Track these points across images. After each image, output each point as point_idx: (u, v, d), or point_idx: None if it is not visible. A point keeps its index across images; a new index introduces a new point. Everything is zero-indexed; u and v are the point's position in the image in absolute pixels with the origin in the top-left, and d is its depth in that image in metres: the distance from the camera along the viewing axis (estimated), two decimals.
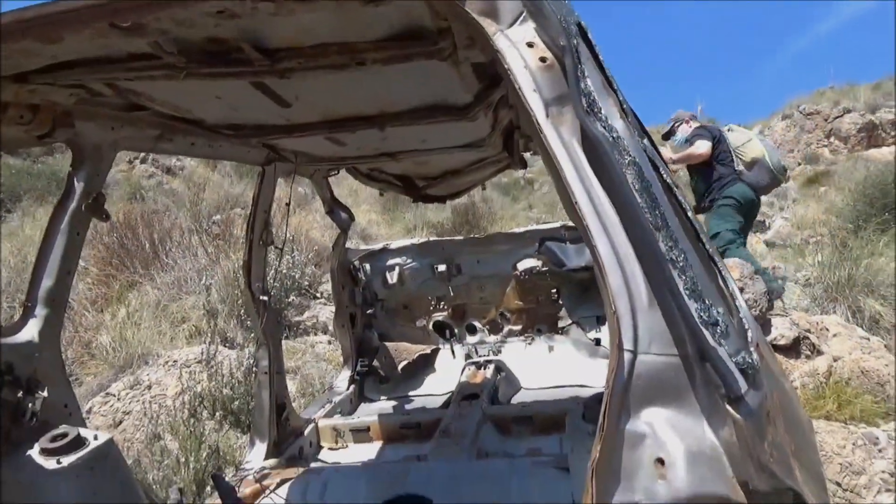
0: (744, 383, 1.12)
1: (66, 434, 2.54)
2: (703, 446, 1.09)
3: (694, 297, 1.16)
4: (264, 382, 4.12)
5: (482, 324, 5.86)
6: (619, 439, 1.08)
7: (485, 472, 3.60)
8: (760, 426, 1.12)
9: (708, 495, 1.08)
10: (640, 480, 1.08)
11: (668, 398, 1.11)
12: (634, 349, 1.11)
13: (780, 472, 1.11)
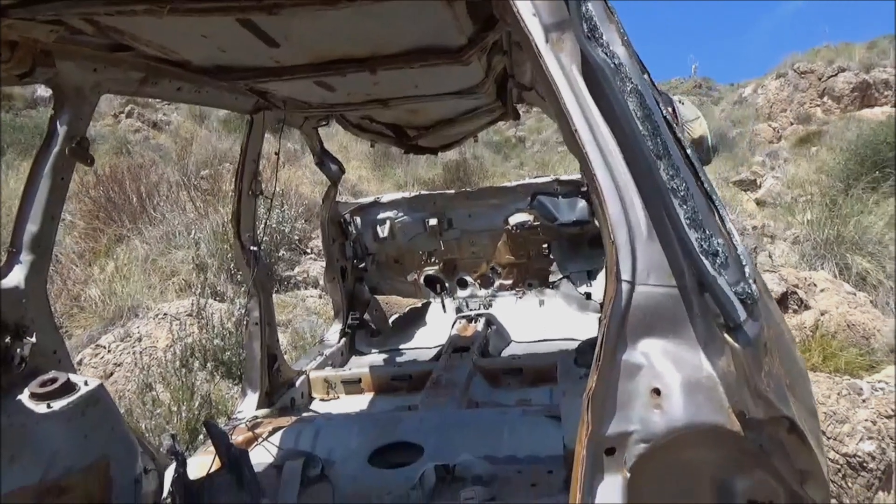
0: (742, 312, 1.11)
1: (56, 379, 2.53)
2: (700, 376, 1.08)
3: (694, 226, 1.14)
4: (255, 333, 4.11)
5: (473, 278, 5.87)
6: (616, 370, 1.08)
7: (475, 420, 3.63)
8: (758, 355, 1.11)
9: (704, 424, 1.08)
10: (635, 410, 1.08)
11: (665, 329, 1.10)
12: (632, 280, 1.10)
13: (776, 400, 1.11)
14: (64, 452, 2.41)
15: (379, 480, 3.06)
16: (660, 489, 1.13)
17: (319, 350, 5.14)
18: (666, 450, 1.09)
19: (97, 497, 2.53)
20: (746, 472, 1.13)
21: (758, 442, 1.09)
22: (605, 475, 1.07)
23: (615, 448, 1.08)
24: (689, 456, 1.13)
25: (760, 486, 1.13)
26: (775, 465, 1.11)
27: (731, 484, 1.14)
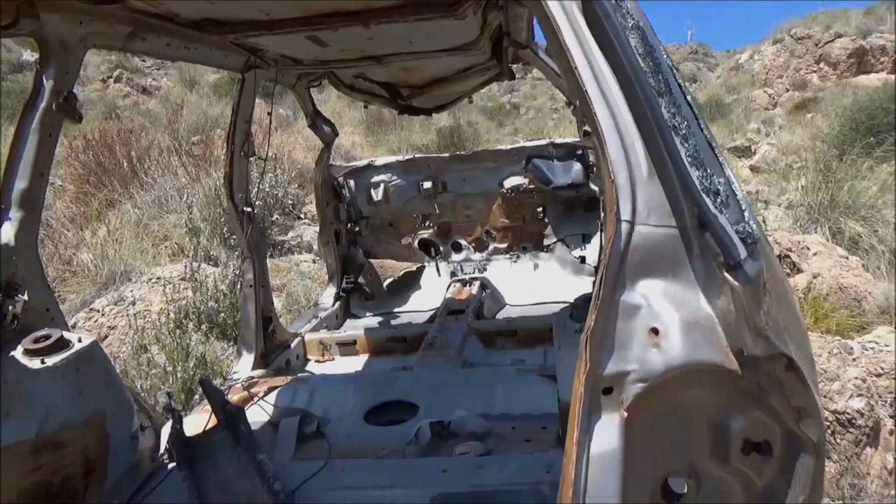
0: (743, 250, 1.11)
1: (50, 336, 2.52)
2: (698, 316, 1.08)
3: (695, 164, 1.13)
4: (249, 295, 4.10)
5: (468, 241, 5.86)
6: (614, 310, 1.07)
7: (470, 379, 3.66)
8: (757, 294, 1.11)
9: (702, 363, 1.08)
10: (633, 350, 1.08)
11: (664, 269, 1.10)
12: (632, 220, 1.09)
13: (774, 338, 1.11)
14: (59, 408, 2.42)
15: (374, 437, 3.09)
16: (656, 429, 1.13)
17: (314, 313, 5.14)
18: (663, 389, 1.10)
19: (94, 452, 2.54)
20: (743, 411, 1.14)
21: (755, 380, 1.10)
22: (602, 414, 1.07)
23: (612, 388, 1.08)
24: (686, 396, 1.13)
25: (756, 425, 1.14)
26: (772, 404, 1.12)
27: (726, 424, 1.15)
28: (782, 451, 1.15)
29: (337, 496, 2.50)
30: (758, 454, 1.15)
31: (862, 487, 3.24)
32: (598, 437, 1.06)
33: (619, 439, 1.07)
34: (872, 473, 3.34)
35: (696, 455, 1.16)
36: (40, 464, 2.36)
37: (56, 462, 2.41)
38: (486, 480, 2.51)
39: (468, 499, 2.40)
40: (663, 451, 1.15)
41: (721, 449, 1.15)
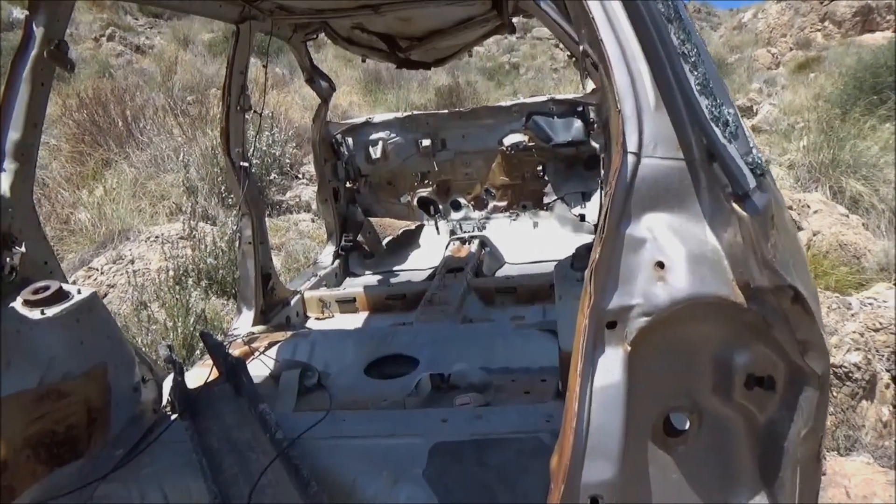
0: (752, 180, 1.09)
1: (49, 287, 2.51)
2: (705, 249, 1.07)
3: (705, 93, 1.10)
4: (248, 252, 4.09)
5: (467, 200, 5.83)
6: (619, 243, 1.06)
7: (469, 334, 3.67)
8: (765, 225, 1.09)
9: (707, 296, 1.07)
10: (638, 284, 1.07)
11: (670, 203, 1.08)
12: (638, 152, 1.06)
13: (781, 270, 1.10)
14: (61, 358, 2.42)
15: (375, 389, 3.11)
16: (659, 364, 1.13)
17: (313, 271, 5.14)
18: (667, 324, 1.09)
19: (96, 403, 2.56)
20: (747, 345, 1.14)
21: (761, 314, 1.09)
22: (605, 348, 1.07)
23: (616, 322, 1.07)
24: (690, 330, 1.12)
25: (760, 359, 1.14)
26: (777, 338, 1.11)
27: (730, 358, 1.14)
28: (785, 385, 1.15)
29: (338, 445, 2.52)
30: (761, 389, 1.14)
31: (857, 439, 3.28)
32: (602, 370, 1.06)
33: (622, 373, 1.06)
34: (867, 426, 3.38)
35: (699, 390, 1.16)
36: (43, 412, 2.37)
37: (59, 411, 2.43)
38: (486, 429, 2.53)
39: (468, 447, 2.42)
40: (666, 386, 1.15)
41: (724, 384, 1.15)
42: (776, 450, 1.15)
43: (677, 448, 1.17)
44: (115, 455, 2.52)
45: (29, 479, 2.33)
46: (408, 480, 2.29)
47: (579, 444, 1.02)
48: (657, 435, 1.15)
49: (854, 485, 2.82)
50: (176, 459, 2.49)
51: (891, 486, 2.80)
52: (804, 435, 1.13)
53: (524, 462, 2.32)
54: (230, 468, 2.46)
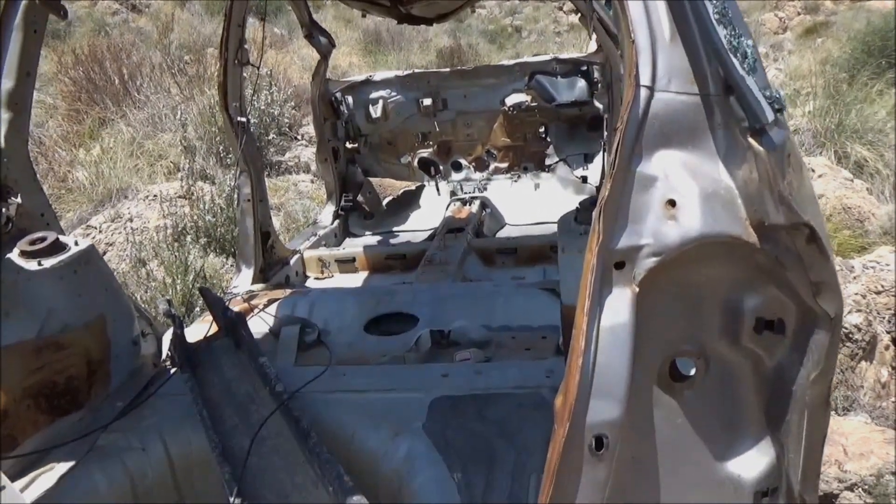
0: (770, 113, 1.05)
1: (45, 238, 2.49)
2: (718, 188, 1.04)
3: (723, 22, 1.05)
4: (247, 210, 4.06)
5: (468, 161, 5.77)
6: (629, 181, 1.03)
7: (470, 292, 3.66)
8: (781, 162, 1.06)
9: (719, 235, 1.04)
10: (648, 223, 1.04)
11: (683, 139, 1.04)
12: (652, 86, 1.02)
13: (797, 207, 1.07)
14: (59, 310, 2.41)
15: (375, 346, 3.11)
16: (667, 306, 1.11)
17: (313, 231, 5.12)
18: (676, 265, 1.06)
19: (96, 355, 2.55)
20: (757, 288, 1.11)
21: (774, 254, 1.06)
22: (613, 289, 1.04)
23: (624, 262, 1.05)
24: (700, 272, 1.10)
25: (771, 302, 1.12)
26: (789, 279, 1.09)
27: (740, 302, 1.12)
28: (796, 328, 1.13)
29: (338, 399, 2.52)
30: (770, 333, 1.12)
31: (855, 399, 3.29)
32: (609, 311, 1.03)
33: (629, 315, 1.04)
34: (866, 386, 3.40)
35: (707, 335, 1.14)
36: (43, 363, 2.37)
37: (59, 363, 2.42)
38: (486, 384, 2.53)
39: (468, 401, 2.43)
40: (673, 330, 1.13)
41: (732, 328, 1.13)
42: (784, 394, 1.14)
43: (683, 393, 1.16)
44: (116, 407, 2.53)
45: (30, 429, 2.33)
46: (408, 434, 2.30)
47: (585, 384, 1.01)
48: (663, 379, 1.14)
49: (851, 443, 2.83)
50: (176, 411, 2.49)
51: (887, 445, 2.82)
52: (813, 379, 1.11)
53: (524, 416, 2.32)
54: (230, 420, 2.46)
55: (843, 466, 2.73)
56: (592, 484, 1.04)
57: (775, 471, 1.18)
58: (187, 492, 2.38)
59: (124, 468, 2.29)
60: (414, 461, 2.18)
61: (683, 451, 1.17)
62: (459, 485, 2.03)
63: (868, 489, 2.63)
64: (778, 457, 1.17)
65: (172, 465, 2.36)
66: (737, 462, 1.19)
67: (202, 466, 2.35)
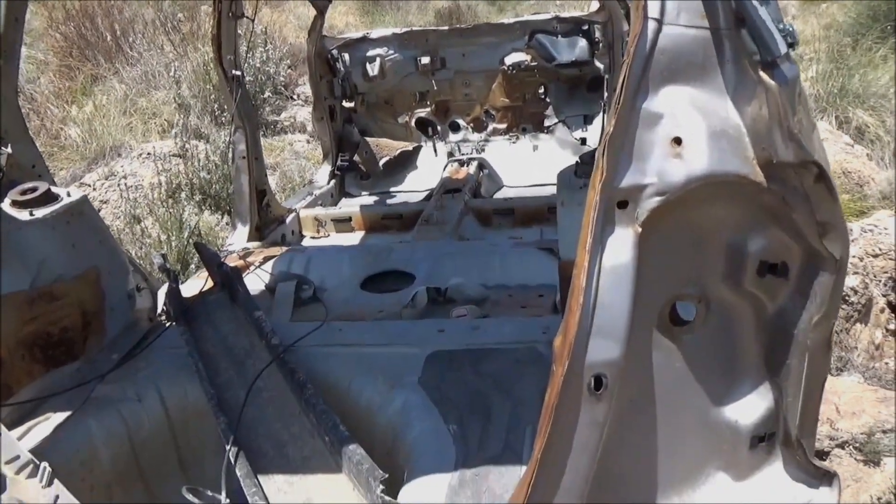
0: (783, 46, 1.02)
1: (37, 188, 2.45)
2: (726, 125, 1.01)
3: None
4: (242, 167, 4.01)
5: (466, 121, 5.70)
6: (634, 117, 1.00)
7: (467, 251, 3.65)
8: (792, 97, 1.03)
9: (725, 174, 1.01)
10: (652, 161, 1.01)
11: (691, 75, 1.01)
12: (660, 18, 0.99)
13: (806, 144, 1.05)
14: (52, 260, 2.39)
15: (371, 302, 3.10)
16: (670, 248, 1.09)
17: (309, 191, 5.07)
18: (680, 206, 1.04)
19: (90, 306, 2.54)
20: (762, 230, 1.09)
21: (780, 194, 1.04)
22: (615, 228, 1.02)
23: (628, 202, 1.02)
24: (704, 214, 1.08)
25: (775, 245, 1.10)
26: (795, 220, 1.07)
27: (743, 244, 1.10)
28: (800, 271, 1.11)
29: (334, 353, 2.52)
30: (773, 276, 1.11)
31: (849, 360, 3.31)
32: (611, 250, 1.01)
33: (631, 255, 1.02)
34: (860, 348, 3.41)
35: (709, 278, 1.13)
36: (37, 314, 2.35)
37: (53, 313, 2.41)
38: (482, 339, 2.53)
39: (465, 356, 2.42)
40: (675, 272, 1.11)
41: (735, 271, 1.11)
42: (785, 338, 1.13)
43: (682, 337, 1.15)
44: (112, 359, 2.52)
45: (25, 379, 2.33)
46: (403, 387, 2.30)
47: (585, 322, 0.99)
48: (663, 323, 1.13)
49: (844, 402, 2.86)
50: (172, 363, 2.49)
51: (879, 404, 2.84)
52: (816, 322, 1.10)
53: (521, 370, 2.32)
54: (226, 372, 2.46)
55: (834, 425, 2.75)
56: (590, 423, 1.04)
57: (773, 416, 1.18)
58: (184, 443, 2.39)
59: (121, 418, 2.29)
60: (409, 413, 2.18)
61: (681, 395, 1.16)
62: (455, 436, 2.04)
63: (859, 447, 2.66)
64: (776, 402, 1.17)
65: (169, 416, 2.36)
66: (734, 407, 1.19)
67: (199, 418, 2.35)
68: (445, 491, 1.82)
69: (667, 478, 1.18)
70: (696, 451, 1.19)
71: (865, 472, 2.58)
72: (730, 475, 1.20)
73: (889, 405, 2.80)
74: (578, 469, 1.05)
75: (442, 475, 1.88)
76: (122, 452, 2.27)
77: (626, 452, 1.15)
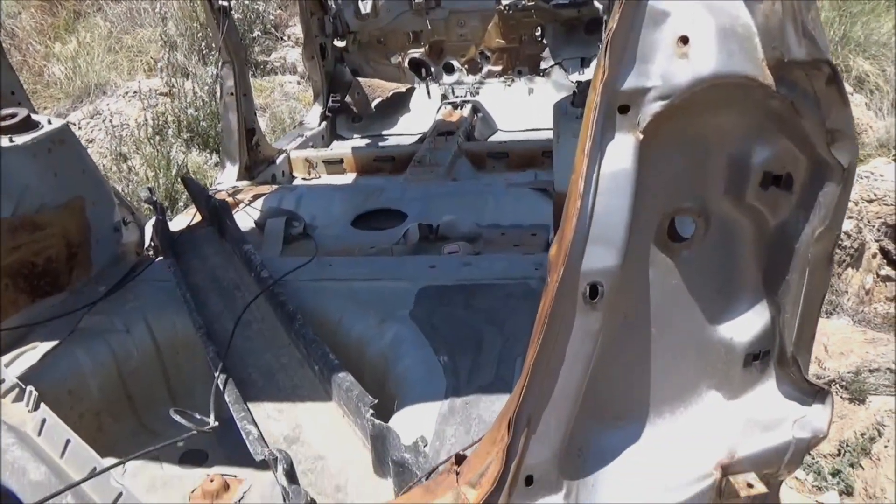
0: None
1: (16, 114, 2.38)
2: (735, 24, 0.96)
3: None
4: (230, 104, 3.91)
5: (460, 63, 5.56)
6: (640, 14, 0.94)
7: (459, 191, 3.61)
8: None
9: (734, 75, 0.97)
10: (656, 63, 0.96)
11: None
12: None
13: (820, 42, 1.00)
14: (34, 188, 2.33)
15: (362, 239, 3.07)
16: (671, 158, 1.05)
17: (300, 132, 4.97)
18: (684, 112, 1.00)
19: (75, 237, 2.49)
20: (768, 139, 1.05)
21: (789, 98, 1.00)
22: (616, 134, 0.98)
23: (629, 106, 0.98)
24: (708, 122, 1.04)
25: (780, 155, 1.06)
26: (803, 127, 1.03)
27: (747, 155, 1.06)
28: (805, 182, 1.08)
29: (324, 287, 2.50)
30: (777, 189, 1.08)
31: (839, 304, 3.32)
32: (610, 156, 0.97)
33: (631, 162, 0.98)
34: (850, 292, 3.42)
35: (710, 191, 1.09)
36: (20, 243, 2.31)
37: (37, 243, 2.37)
38: (474, 275, 2.51)
39: (456, 291, 2.41)
40: (676, 184, 1.08)
41: (738, 184, 1.08)
42: (785, 252, 1.10)
43: (680, 253, 1.12)
44: (98, 291, 2.49)
45: (10, 308, 2.30)
46: (394, 320, 2.29)
47: (581, 230, 0.96)
48: (661, 238, 1.10)
49: (832, 343, 2.87)
50: (160, 296, 2.46)
51: (867, 345, 2.86)
52: (819, 234, 1.07)
53: (512, 305, 2.31)
54: (215, 305, 2.44)
55: (822, 364, 2.77)
56: (584, 333, 1.02)
57: (769, 334, 1.17)
58: (173, 373, 2.38)
59: (109, 349, 2.27)
60: (400, 345, 2.18)
61: (676, 313, 1.14)
62: (445, 367, 2.03)
63: (845, 385, 2.69)
64: (773, 319, 1.15)
65: (158, 347, 2.35)
66: (730, 325, 1.17)
67: (188, 349, 2.34)
68: (435, 419, 1.82)
69: (659, 395, 1.17)
70: (689, 369, 1.17)
71: (850, 410, 2.61)
72: (722, 393, 1.19)
73: (877, 346, 2.82)
74: (571, 379, 1.03)
75: (432, 404, 1.89)
76: (110, 382, 2.26)
77: (619, 369, 1.13)
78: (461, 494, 1.05)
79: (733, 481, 1.14)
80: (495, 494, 1.04)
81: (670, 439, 1.17)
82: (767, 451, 1.17)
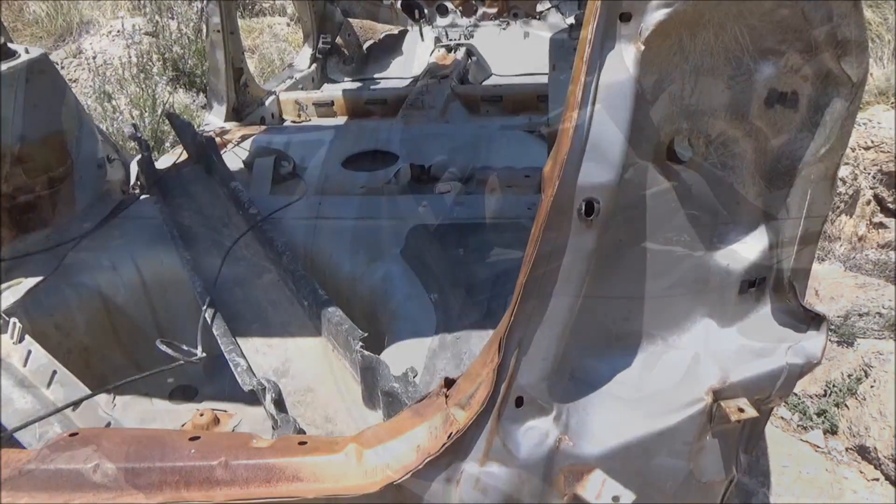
0: None
1: None
2: None
3: None
4: (217, 41, 3.79)
5: (454, 5, 5.41)
6: None
7: (452, 133, 3.54)
8: None
9: None
10: None
11: None
12: None
13: None
14: (13, 120, 2.26)
15: (352, 179, 3.02)
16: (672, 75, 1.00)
17: (289, 74, 4.85)
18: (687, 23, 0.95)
19: (57, 172, 2.43)
20: (775, 53, 1.01)
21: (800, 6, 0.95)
22: (616, 43, 0.94)
23: (631, 14, 0.93)
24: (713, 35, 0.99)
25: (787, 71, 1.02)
26: (814, 37, 0.98)
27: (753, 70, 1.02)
28: (811, 99, 1.04)
29: (314, 225, 2.46)
30: (781, 107, 1.04)
31: (831, 250, 3.32)
32: (610, 66, 0.93)
33: (632, 73, 0.94)
34: (842, 238, 3.42)
35: (712, 110, 1.05)
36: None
37: (17, 177, 2.31)
38: (465, 214, 2.48)
39: (447, 230, 2.38)
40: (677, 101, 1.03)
41: (742, 102, 1.04)
42: (787, 174, 1.07)
43: (678, 175, 1.08)
44: (84, 227, 2.45)
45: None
46: (385, 259, 2.27)
47: (578, 144, 0.92)
48: (659, 158, 1.06)
49: (823, 287, 2.88)
50: (146, 233, 2.42)
51: (858, 289, 2.86)
52: (823, 154, 1.04)
53: (504, 244, 2.28)
54: (202, 242, 2.40)
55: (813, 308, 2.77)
56: (578, 252, 0.99)
57: (766, 260, 1.14)
58: (161, 309, 2.35)
59: (95, 284, 2.24)
60: (391, 282, 2.16)
61: (672, 238, 1.11)
62: (436, 304, 2.02)
63: (834, 328, 2.70)
64: (770, 246, 1.13)
65: (145, 283, 2.32)
66: (726, 252, 1.15)
67: (175, 286, 2.31)
68: (426, 353, 1.81)
69: (652, 321, 1.15)
70: (683, 296, 1.15)
71: (839, 352, 2.63)
72: (716, 320, 1.18)
73: (867, 291, 2.83)
74: (563, 301, 1.01)
75: (422, 339, 1.88)
76: (97, 318, 2.24)
77: (612, 293, 1.11)
78: (450, 416, 1.04)
79: (724, 406, 1.13)
80: (485, 416, 1.03)
81: (662, 365, 1.16)
82: (760, 376, 1.16)
